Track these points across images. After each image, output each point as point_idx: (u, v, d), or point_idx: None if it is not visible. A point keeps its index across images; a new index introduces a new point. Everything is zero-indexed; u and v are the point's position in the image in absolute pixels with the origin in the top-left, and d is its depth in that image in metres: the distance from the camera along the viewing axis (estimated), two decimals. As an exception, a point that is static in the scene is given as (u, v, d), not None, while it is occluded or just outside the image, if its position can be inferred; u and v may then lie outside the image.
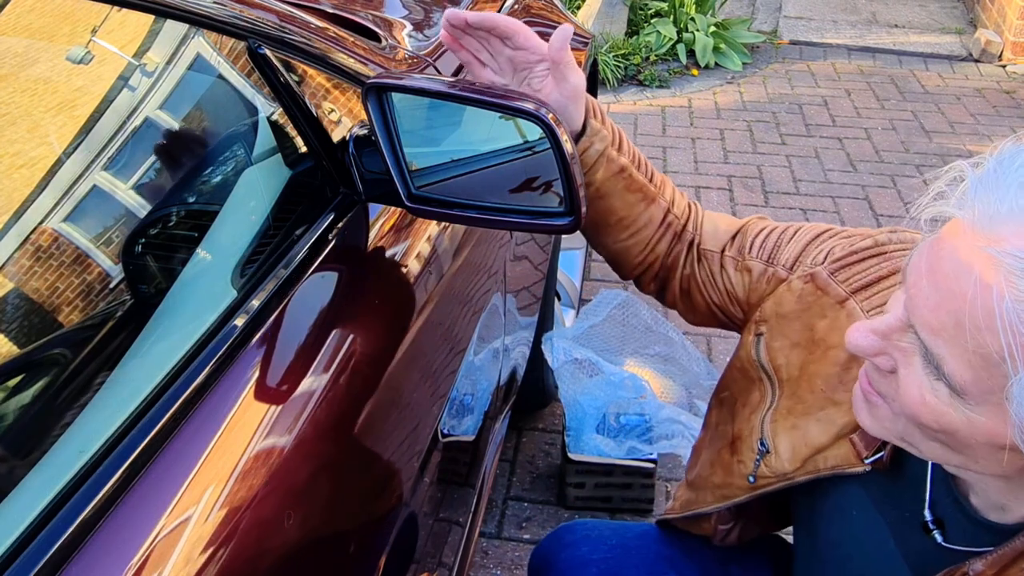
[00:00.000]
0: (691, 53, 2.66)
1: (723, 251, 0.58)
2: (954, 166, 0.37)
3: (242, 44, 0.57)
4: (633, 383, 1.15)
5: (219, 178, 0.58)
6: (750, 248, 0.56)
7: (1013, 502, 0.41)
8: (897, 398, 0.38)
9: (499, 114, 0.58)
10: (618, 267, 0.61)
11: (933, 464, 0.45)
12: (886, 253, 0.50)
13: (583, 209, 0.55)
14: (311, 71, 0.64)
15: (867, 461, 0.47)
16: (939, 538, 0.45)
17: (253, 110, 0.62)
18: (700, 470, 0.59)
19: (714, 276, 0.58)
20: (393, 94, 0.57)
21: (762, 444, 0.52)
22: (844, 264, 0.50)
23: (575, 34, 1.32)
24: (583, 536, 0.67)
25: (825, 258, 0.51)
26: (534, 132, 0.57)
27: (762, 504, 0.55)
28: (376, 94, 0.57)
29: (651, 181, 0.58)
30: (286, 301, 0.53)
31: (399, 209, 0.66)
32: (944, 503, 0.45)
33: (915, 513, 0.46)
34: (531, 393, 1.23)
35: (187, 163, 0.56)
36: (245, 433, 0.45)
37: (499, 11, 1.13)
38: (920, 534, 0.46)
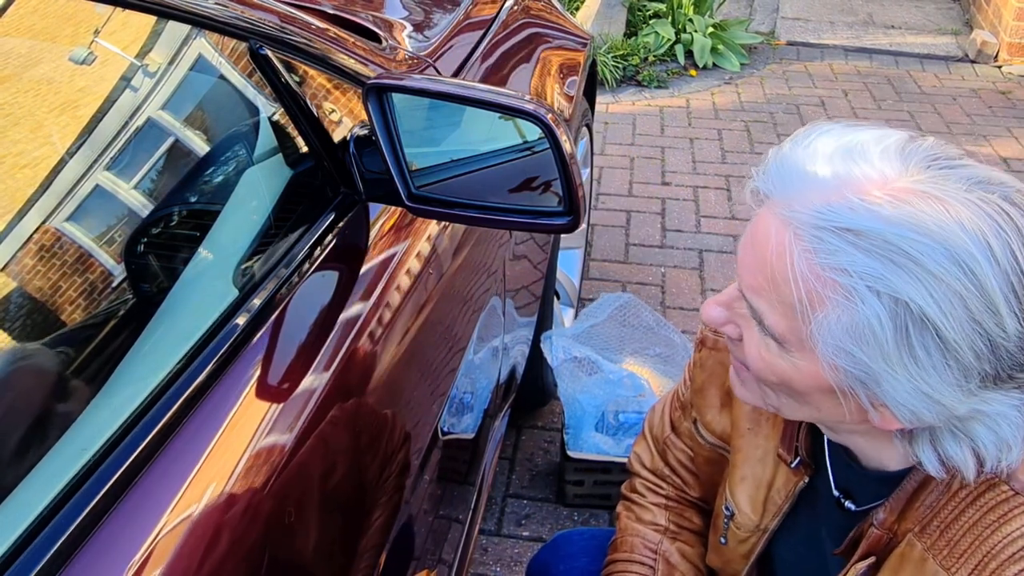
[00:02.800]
0: (689, 54, 2.67)
1: (672, 425, 0.63)
2: (771, 149, 0.42)
3: (243, 45, 0.57)
4: (632, 382, 1.15)
5: (220, 178, 0.58)
6: (680, 394, 0.62)
7: (883, 455, 0.44)
8: (745, 361, 0.43)
9: (498, 114, 0.58)
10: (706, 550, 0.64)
11: (828, 444, 0.49)
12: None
13: (582, 208, 0.56)
14: (312, 72, 0.64)
15: (792, 465, 0.50)
16: (851, 506, 0.47)
17: (254, 110, 0.62)
18: (708, 558, 0.61)
19: (685, 452, 0.63)
20: (393, 95, 0.58)
21: (727, 509, 0.55)
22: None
23: (573, 34, 1.33)
24: (581, 547, 0.68)
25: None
26: (533, 132, 0.58)
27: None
28: (376, 94, 0.57)
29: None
30: (287, 300, 0.53)
31: (399, 209, 0.66)
32: (844, 474, 0.48)
33: (831, 494, 0.49)
34: (530, 391, 1.23)
35: (189, 163, 0.56)
36: (246, 431, 0.45)
37: (498, 12, 1.13)
38: (839, 512, 0.48)
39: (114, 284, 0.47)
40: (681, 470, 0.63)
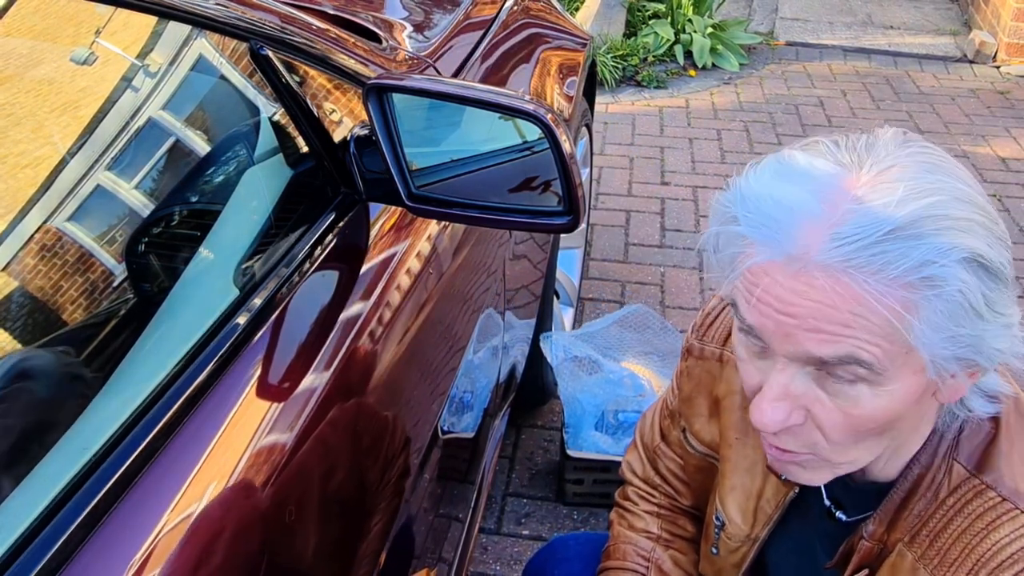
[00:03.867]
0: (688, 54, 2.67)
1: (662, 433, 0.62)
2: (712, 232, 0.40)
3: (244, 45, 0.57)
4: (632, 381, 1.16)
5: (221, 178, 0.58)
6: (668, 403, 0.61)
7: (880, 463, 0.43)
8: (826, 434, 0.40)
9: (498, 114, 0.58)
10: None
11: None
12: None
13: (581, 208, 0.56)
14: (312, 72, 0.64)
15: (784, 478, 0.49)
16: (843, 517, 0.47)
17: (255, 110, 0.62)
18: (700, 567, 0.61)
19: (675, 460, 0.62)
20: (394, 95, 0.58)
21: (717, 519, 0.55)
22: (706, 327, 0.55)
23: (573, 35, 1.33)
24: (577, 552, 0.68)
25: (692, 332, 0.56)
26: (533, 132, 0.58)
27: None
28: (377, 95, 0.57)
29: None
30: (287, 300, 0.53)
31: (399, 208, 0.66)
32: (834, 486, 0.47)
33: (822, 507, 0.48)
34: (530, 391, 1.23)
35: (189, 163, 0.56)
36: (247, 430, 0.45)
37: (498, 12, 1.13)
38: (830, 523, 0.48)
39: (115, 283, 0.47)
40: (672, 479, 0.63)
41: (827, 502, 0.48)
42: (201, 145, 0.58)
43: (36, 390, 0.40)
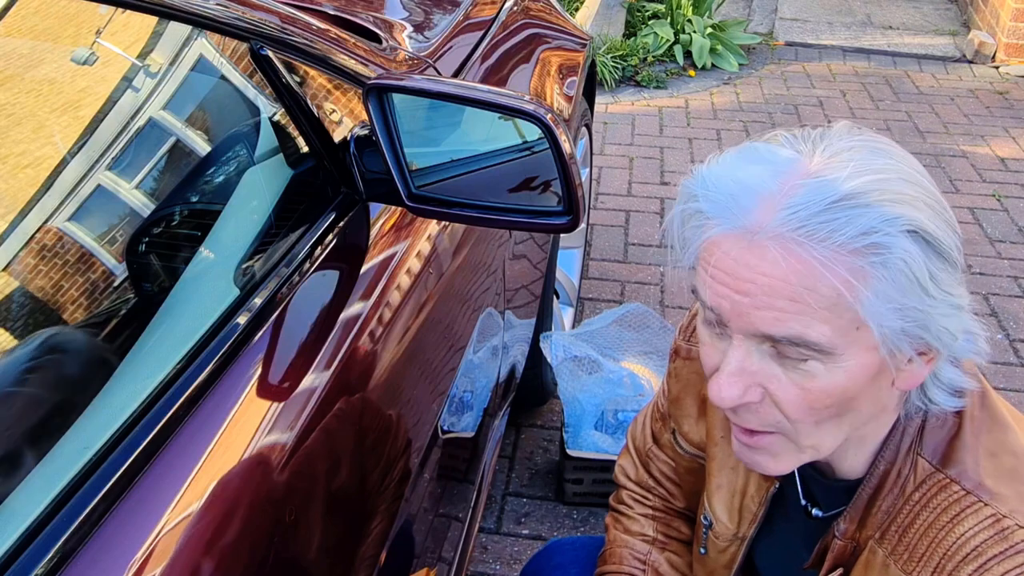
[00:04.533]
0: (688, 54, 2.67)
1: (653, 436, 0.63)
2: (677, 212, 0.41)
3: (244, 46, 0.57)
4: (632, 381, 1.16)
5: (222, 178, 0.58)
6: (659, 405, 0.61)
7: (849, 458, 0.44)
8: (784, 411, 0.40)
9: (498, 115, 0.58)
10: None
11: None
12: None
13: (581, 208, 0.56)
14: (313, 72, 0.64)
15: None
16: (819, 513, 0.47)
17: (255, 111, 0.62)
18: (694, 570, 0.62)
19: (667, 463, 0.62)
20: (394, 95, 0.58)
21: (705, 519, 0.55)
22: (692, 328, 0.56)
23: (573, 35, 1.33)
24: (572, 558, 0.68)
25: (679, 333, 0.57)
26: (533, 132, 0.58)
27: None
28: (377, 95, 0.57)
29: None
30: (288, 299, 0.53)
31: (400, 208, 0.66)
32: (810, 484, 0.48)
33: (799, 504, 0.49)
34: (530, 390, 1.23)
35: (190, 163, 0.56)
36: (247, 430, 0.45)
37: (498, 13, 1.13)
38: (806, 519, 0.48)
39: (116, 283, 0.47)
40: (665, 481, 0.63)
41: (803, 500, 0.48)
42: (201, 145, 0.58)
43: (39, 388, 0.40)
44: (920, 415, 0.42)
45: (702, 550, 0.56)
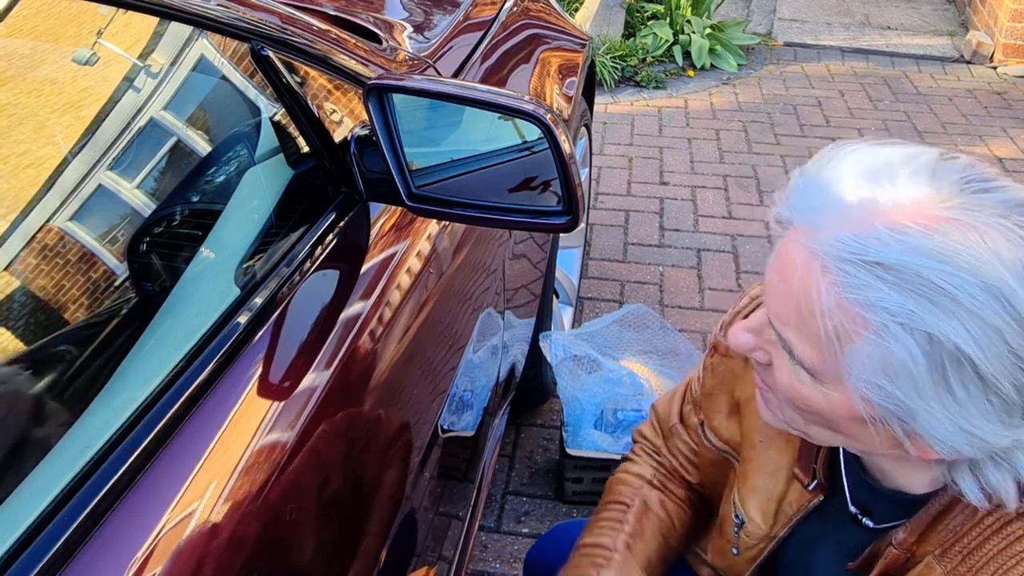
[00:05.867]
0: (687, 55, 2.67)
1: (681, 416, 0.62)
2: (794, 171, 0.40)
3: (245, 46, 0.57)
4: (631, 380, 1.16)
5: (222, 178, 0.58)
6: (694, 388, 0.60)
7: (912, 479, 0.44)
8: (775, 388, 0.42)
9: (498, 115, 0.58)
10: (699, 536, 0.63)
11: (846, 463, 0.48)
12: (764, 303, 0.55)
13: (580, 207, 0.56)
14: (313, 72, 0.64)
15: (810, 488, 0.50)
16: (869, 523, 0.47)
17: (256, 111, 0.62)
18: (710, 558, 0.62)
19: (690, 445, 0.62)
20: (394, 95, 0.58)
21: (737, 517, 0.55)
22: (731, 326, 0.55)
23: (572, 35, 1.33)
24: (577, 537, 0.68)
25: (720, 328, 0.56)
26: (532, 132, 0.58)
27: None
28: (377, 95, 0.58)
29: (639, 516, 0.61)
30: (288, 299, 0.53)
31: (400, 208, 0.66)
32: (862, 492, 0.48)
33: (847, 512, 0.48)
34: (530, 389, 1.23)
35: (191, 163, 0.56)
36: (248, 429, 0.45)
37: (498, 13, 1.13)
38: (854, 528, 0.48)
39: (117, 283, 0.47)
40: (682, 458, 0.62)
41: (853, 508, 0.48)
42: (202, 145, 0.58)
43: (40, 387, 0.40)
44: (982, 500, 0.40)
45: (734, 551, 0.56)
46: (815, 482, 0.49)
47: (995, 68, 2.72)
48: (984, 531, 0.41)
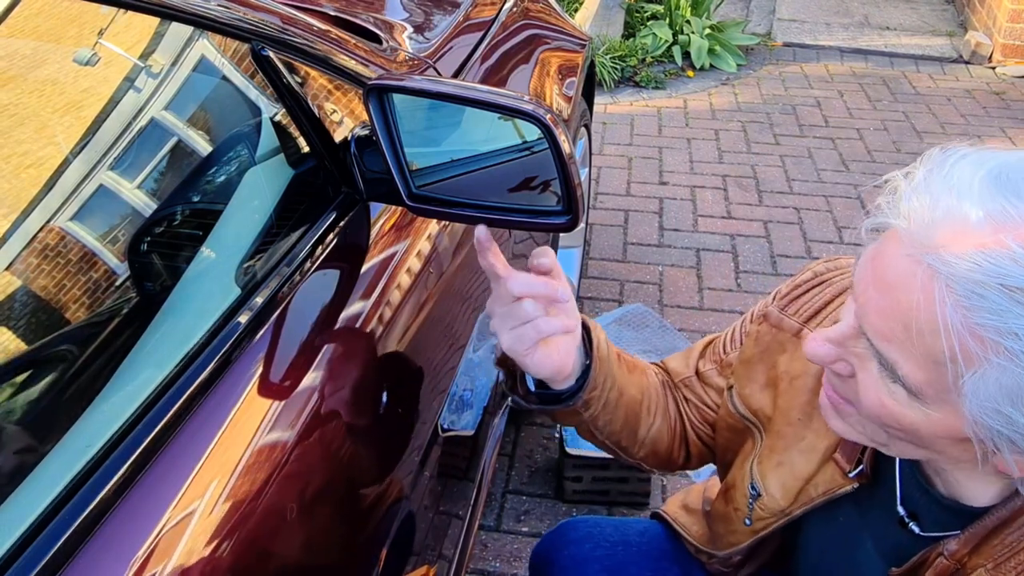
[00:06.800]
0: (687, 55, 2.68)
1: (697, 372, 0.60)
2: (890, 177, 0.38)
3: (246, 46, 0.57)
4: (629, 380, 1.16)
5: (223, 177, 0.59)
6: (724, 349, 0.58)
7: (976, 489, 0.43)
8: (858, 402, 0.40)
9: (498, 115, 0.59)
10: (661, 457, 0.60)
11: (900, 461, 0.47)
12: (827, 280, 0.53)
13: (580, 207, 0.56)
14: (313, 73, 0.65)
15: (851, 475, 0.49)
16: (916, 528, 0.46)
17: (256, 111, 0.62)
18: (708, 520, 0.60)
19: (704, 400, 0.60)
20: (394, 95, 0.58)
21: (752, 488, 0.54)
22: (791, 298, 0.53)
23: (572, 36, 1.34)
24: (585, 534, 0.68)
25: (774, 299, 0.55)
26: (532, 132, 0.58)
27: (767, 544, 0.56)
28: (377, 95, 0.58)
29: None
30: (289, 298, 0.53)
31: (400, 208, 0.67)
32: (914, 497, 0.47)
33: (892, 511, 0.47)
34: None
35: (191, 163, 0.57)
36: (249, 428, 0.45)
37: (498, 14, 1.13)
38: (898, 529, 0.47)
39: (118, 282, 0.47)
40: (692, 410, 0.60)
41: (901, 510, 0.46)
42: (203, 145, 0.58)
43: (42, 386, 0.41)
44: None
45: (747, 521, 0.54)
46: (858, 470, 0.48)
47: (994, 68, 2.73)
48: None
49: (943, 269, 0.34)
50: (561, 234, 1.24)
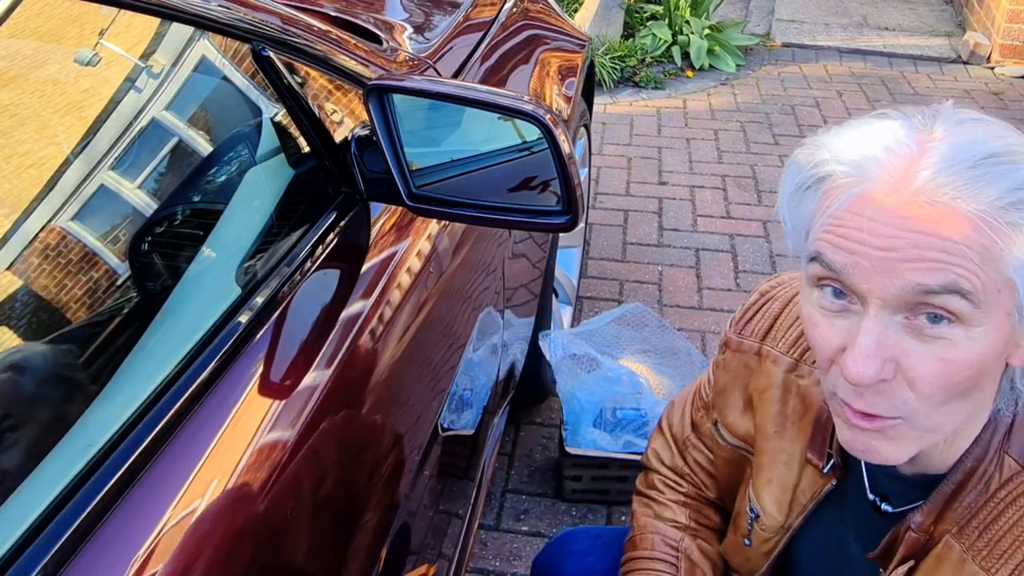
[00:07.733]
0: (686, 55, 2.68)
1: (692, 423, 0.62)
2: (795, 164, 0.40)
3: (246, 47, 0.57)
4: (630, 379, 1.16)
5: (223, 178, 0.59)
6: (704, 392, 0.61)
7: (943, 455, 0.43)
8: (917, 388, 0.38)
9: (498, 115, 0.59)
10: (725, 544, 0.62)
11: None
12: (772, 296, 0.56)
13: (580, 207, 0.56)
14: (314, 73, 0.65)
15: (826, 471, 0.50)
16: (888, 508, 0.47)
17: (257, 111, 0.62)
18: (727, 556, 0.61)
19: (704, 452, 0.62)
20: (394, 95, 0.58)
21: (751, 511, 0.55)
22: (745, 321, 0.56)
23: (572, 36, 1.34)
24: (588, 546, 0.68)
25: (731, 326, 0.56)
26: (532, 132, 0.58)
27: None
28: (377, 95, 0.58)
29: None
30: (289, 298, 0.54)
31: (400, 208, 0.67)
32: (880, 479, 0.47)
33: (865, 499, 0.48)
34: (529, 388, 1.24)
35: (192, 163, 0.57)
36: (249, 427, 0.45)
37: (498, 14, 1.13)
38: (873, 515, 0.48)
39: (118, 282, 0.47)
40: (699, 471, 0.62)
41: (871, 495, 0.47)
42: (203, 145, 0.58)
43: (40, 388, 0.41)
44: (1011, 411, 0.42)
45: (747, 541, 0.55)
46: (830, 463, 0.49)
47: (992, 69, 2.73)
48: (998, 504, 0.41)
49: (931, 186, 0.35)
50: (561, 234, 1.24)
